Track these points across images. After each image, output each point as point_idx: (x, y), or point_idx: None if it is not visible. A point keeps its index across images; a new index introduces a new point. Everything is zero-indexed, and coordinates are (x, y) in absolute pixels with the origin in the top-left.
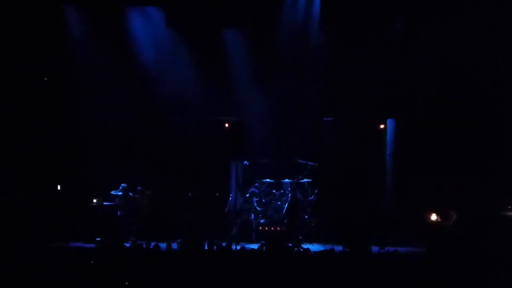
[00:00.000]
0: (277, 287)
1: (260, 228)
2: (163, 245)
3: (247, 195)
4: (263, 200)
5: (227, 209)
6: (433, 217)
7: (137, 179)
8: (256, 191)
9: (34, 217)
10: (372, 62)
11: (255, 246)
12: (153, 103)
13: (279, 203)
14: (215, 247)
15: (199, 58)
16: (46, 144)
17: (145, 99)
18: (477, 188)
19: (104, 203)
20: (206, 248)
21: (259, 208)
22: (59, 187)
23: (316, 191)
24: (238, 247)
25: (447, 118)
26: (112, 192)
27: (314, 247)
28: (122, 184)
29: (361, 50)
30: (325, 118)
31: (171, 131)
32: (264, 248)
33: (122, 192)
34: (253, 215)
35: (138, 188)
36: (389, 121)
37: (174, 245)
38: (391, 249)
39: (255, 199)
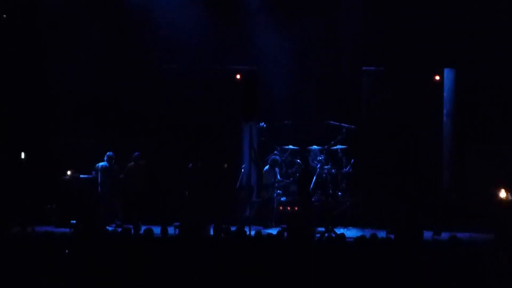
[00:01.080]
0: (302, 283)
1: (281, 208)
2: (156, 230)
3: (267, 166)
4: (284, 171)
5: (238, 184)
6: (503, 194)
7: (122, 146)
8: (278, 158)
9: None
10: None
11: (273, 231)
12: (142, 48)
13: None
14: (222, 233)
15: None
16: (5, 102)
17: (131, 43)
18: None
19: (81, 176)
20: (212, 234)
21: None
22: (23, 156)
23: (352, 161)
24: (252, 233)
25: None
26: (99, 165)
27: (350, 232)
28: (108, 153)
29: None
30: (364, 68)
31: (165, 85)
32: (285, 233)
33: (108, 163)
34: (276, 192)
35: (136, 153)
36: (446, 71)
37: (171, 230)
38: (449, 235)
39: (277, 169)
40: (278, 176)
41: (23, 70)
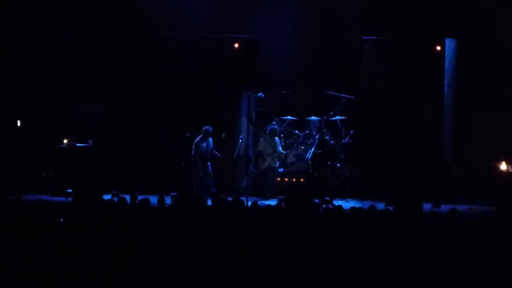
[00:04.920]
0: (299, 254)
1: (279, 179)
2: (153, 200)
3: (264, 137)
4: (283, 143)
5: (236, 154)
6: (504, 166)
7: (119, 114)
8: (276, 128)
9: None
10: None
11: (272, 202)
12: (140, 16)
13: (303, 147)
14: (221, 203)
15: None
16: (1, 69)
17: (130, 10)
18: None
19: (78, 144)
20: (210, 204)
21: (284, 152)
22: (18, 123)
23: (351, 132)
24: (250, 203)
25: None
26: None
27: (349, 204)
28: (206, 127)
29: None
30: (364, 37)
31: (162, 53)
32: (283, 204)
33: (204, 135)
34: (278, 162)
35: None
36: (448, 41)
37: (168, 200)
38: (449, 207)
39: (277, 139)
40: (280, 147)
41: (20, 38)
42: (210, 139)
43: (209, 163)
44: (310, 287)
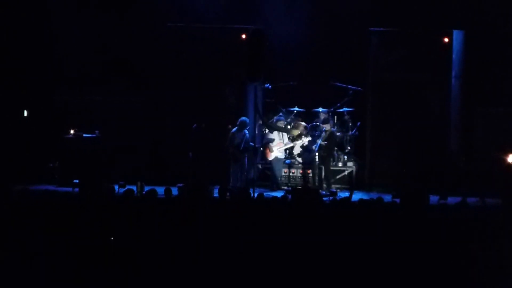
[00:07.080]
0: (304, 246)
1: (285, 171)
2: (160, 190)
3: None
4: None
5: (242, 145)
6: (511, 159)
7: (126, 105)
8: (283, 119)
9: None
10: None
11: (278, 194)
12: (147, 6)
13: (310, 138)
14: (228, 194)
15: None
16: (8, 58)
17: (136, 0)
18: None
19: (84, 135)
20: (216, 195)
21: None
22: (25, 113)
23: (358, 123)
24: (256, 195)
25: None
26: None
27: (355, 196)
28: (242, 118)
29: None
30: (371, 28)
31: (168, 43)
32: (289, 196)
33: (239, 127)
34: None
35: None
36: (455, 33)
37: (175, 191)
38: (455, 199)
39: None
40: (286, 138)
41: (26, 27)
42: (246, 131)
43: (246, 155)
44: (315, 279)
